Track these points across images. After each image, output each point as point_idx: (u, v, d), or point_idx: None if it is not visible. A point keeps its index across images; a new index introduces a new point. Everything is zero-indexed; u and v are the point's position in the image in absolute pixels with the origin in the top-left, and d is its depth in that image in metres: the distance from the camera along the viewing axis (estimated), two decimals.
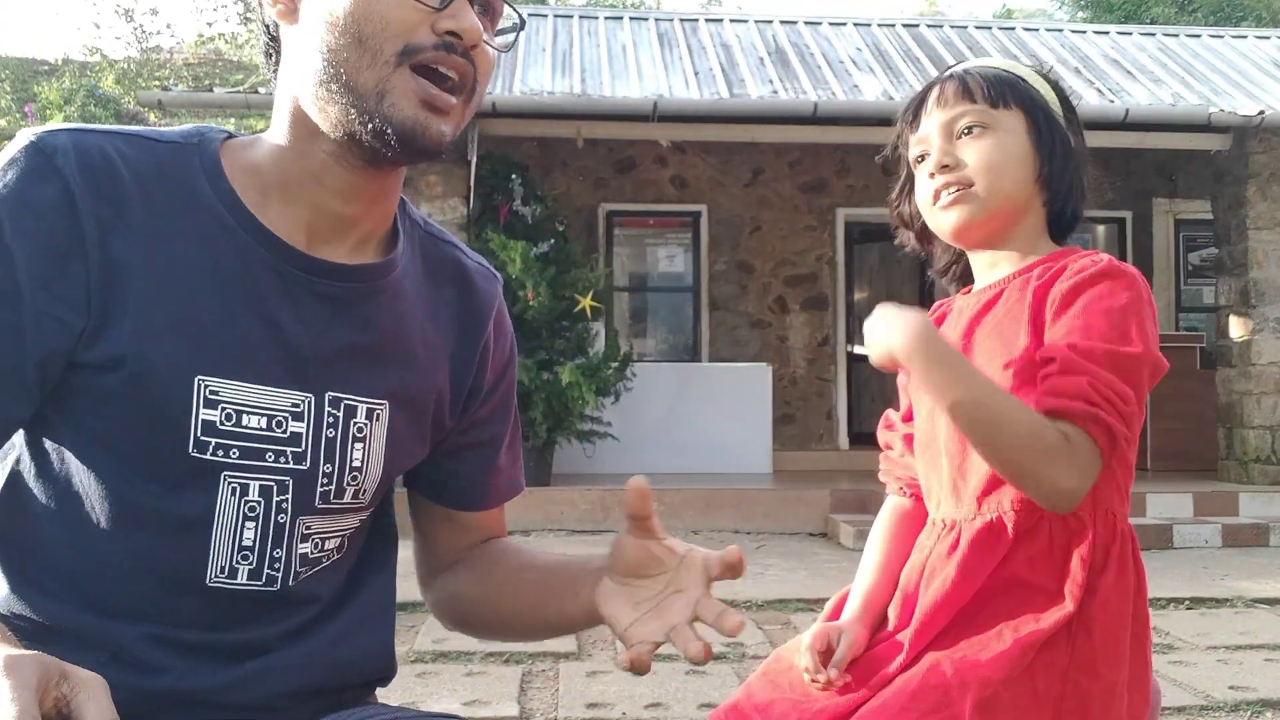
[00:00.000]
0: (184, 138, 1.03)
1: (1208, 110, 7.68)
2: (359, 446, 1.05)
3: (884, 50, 9.05)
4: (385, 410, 1.07)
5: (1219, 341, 8.24)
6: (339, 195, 1.02)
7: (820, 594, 4.73)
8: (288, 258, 1.01)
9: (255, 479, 1.00)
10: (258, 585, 1.02)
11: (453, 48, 0.97)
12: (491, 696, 3.33)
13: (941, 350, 1.15)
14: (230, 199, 1.00)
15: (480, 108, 1.07)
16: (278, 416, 1.00)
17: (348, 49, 0.95)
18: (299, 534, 1.04)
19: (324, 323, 1.03)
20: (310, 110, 0.99)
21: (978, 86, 1.29)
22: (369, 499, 1.09)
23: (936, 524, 1.29)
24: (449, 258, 1.16)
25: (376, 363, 1.06)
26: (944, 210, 1.30)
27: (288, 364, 1.01)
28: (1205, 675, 3.61)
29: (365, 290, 1.05)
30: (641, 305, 10.29)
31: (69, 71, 14.04)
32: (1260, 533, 6.68)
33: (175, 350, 0.96)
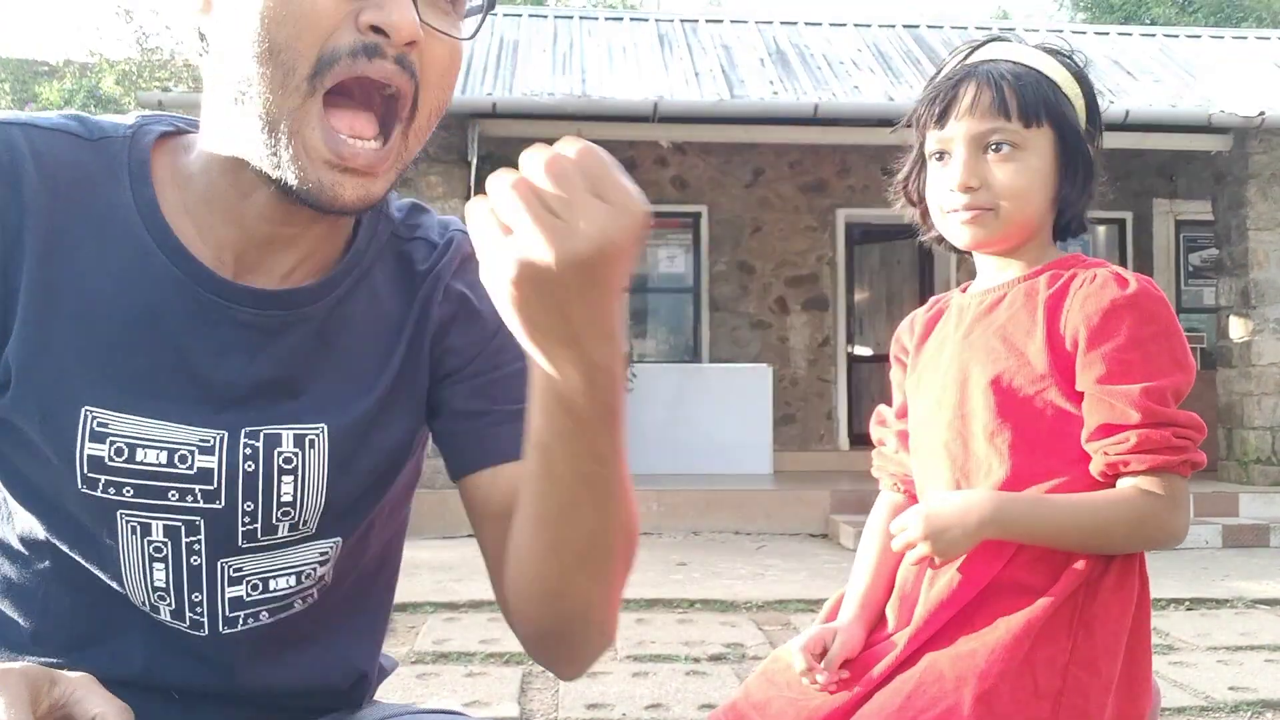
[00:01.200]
0: (117, 130, 0.90)
1: (1208, 111, 7.68)
2: (288, 479, 0.91)
3: (884, 51, 9.05)
4: (322, 435, 0.92)
5: (1219, 342, 8.25)
6: (268, 218, 0.88)
7: (820, 594, 4.73)
8: (205, 282, 0.88)
9: (158, 519, 0.88)
10: (183, 627, 0.91)
11: (378, 50, 0.80)
12: (492, 697, 3.33)
13: (1011, 517, 1.19)
14: (150, 210, 0.88)
15: (480, 108, 0.98)
16: (181, 452, 0.88)
17: (258, 61, 0.79)
18: (225, 576, 0.91)
19: (245, 353, 0.90)
20: (227, 129, 0.84)
21: (1014, 101, 1.25)
22: (315, 528, 0.94)
23: None
24: (408, 256, 0.99)
25: (308, 390, 0.92)
26: (962, 225, 1.29)
27: (196, 399, 0.88)
28: (1205, 676, 3.61)
29: (296, 317, 0.91)
30: (642, 306, 10.29)
31: (70, 73, 14.04)
32: (1260, 533, 6.68)
33: (64, 377, 0.85)
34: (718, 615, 4.53)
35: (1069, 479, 1.22)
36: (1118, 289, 1.22)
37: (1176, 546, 1.25)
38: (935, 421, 1.31)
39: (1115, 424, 1.19)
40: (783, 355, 9.84)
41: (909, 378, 1.40)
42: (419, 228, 1.01)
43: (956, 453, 1.28)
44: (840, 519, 6.85)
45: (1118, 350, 1.20)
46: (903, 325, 1.45)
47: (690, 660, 3.77)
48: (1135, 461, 1.19)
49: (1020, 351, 1.25)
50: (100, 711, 0.68)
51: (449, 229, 1.02)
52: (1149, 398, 1.18)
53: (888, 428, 1.43)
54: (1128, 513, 1.19)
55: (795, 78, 8.25)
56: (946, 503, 1.21)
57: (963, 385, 1.29)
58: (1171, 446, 1.18)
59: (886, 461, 1.43)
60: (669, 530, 7.10)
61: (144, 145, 0.90)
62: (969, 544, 1.18)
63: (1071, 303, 1.24)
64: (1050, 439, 1.23)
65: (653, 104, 7.41)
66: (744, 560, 5.99)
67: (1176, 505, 1.20)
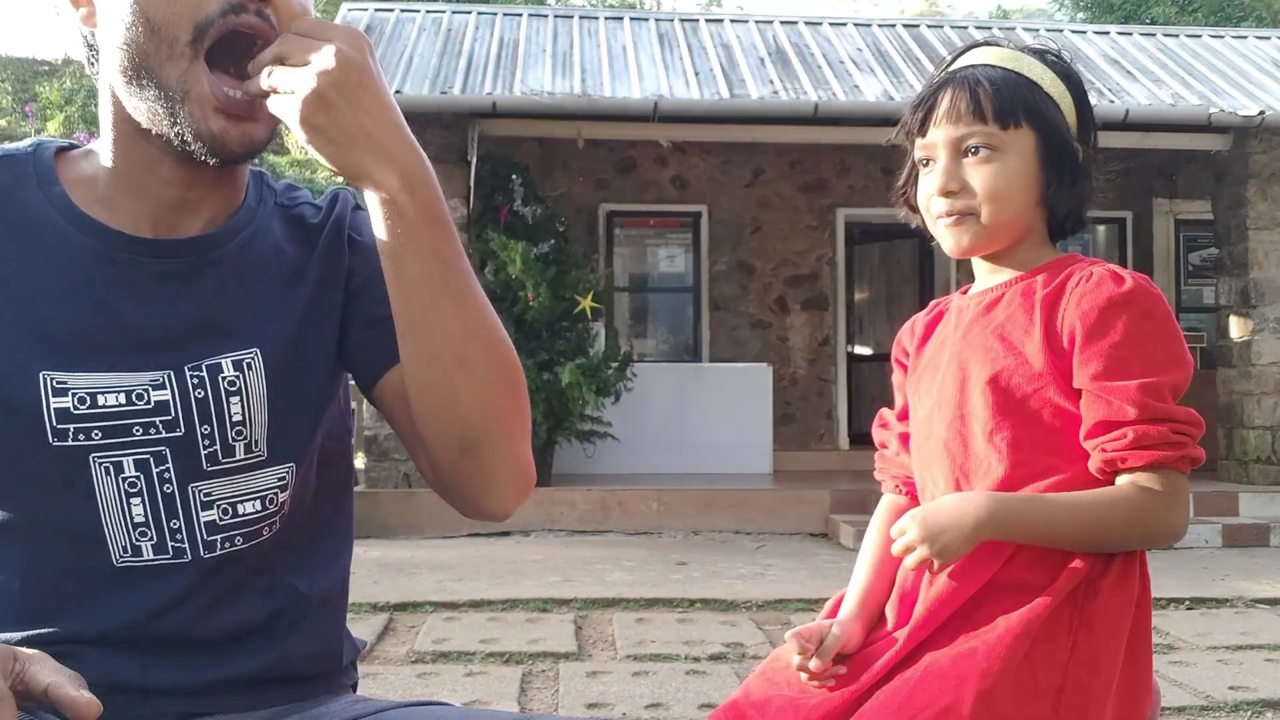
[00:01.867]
0: (19, 150, 1.05)
1: (1208, 110, 7.68)
2: (235, 400, 1.03)
3: (884, 50, 9.05)
4: (257, 357, 1.05)
5: (1219, 341, 8.25)
6: (175, 184, 1.02)
7: (820, 594, 4.73)
8: (119, 244, 1.01)
9: (127, 454, 0.99)
10: (166, 559, 1.01)
11: (242, 7, 0.94)
12: (491, 697, 3.33)
13: (1007, 517, 1.19)
14: (61, 201, 1.02)
15: (480, 108, 1.07)
16: (137, 390, 1.00)
17: (144, 41, 0.94)
18: (197, 501, 1.02)
19: (169, 300, 1.03)
20: (129, 109, 0.99)
21: (989, 104, 1.26)
22: (267, 451, 1.05)
23: None
24: (298, 217, 1.14)
25: (235, 323, 1.05)
26: (947, 230, 1.30)
27: (135, 347, 1.01)
28: (1205, 675, 3.61)
29: (210, 259, 1.05)
30: (642, 305, 10.30)
31: (70, 72, 14.04)
32: (1260, 533, 6.68)
33: (15, 350, 0.97)
34: (718, 615, 4.53)
35: (1068, 477, 1.22)
36: (1114, 286, 1.22)
37: (1176, 544, 1.25)
38: (935, 422, 1.31)
39: (1112, 420, 1.19)
40: (783, 355, 9.84)
41: (910, 380, 1.40)
42: (298, 198, 1.17)
43: (956, 452, 1.28)
44: (840, 518, 6.85)
45: (1114, 347, 1.20)
46: (904, 328, 1.46)
47: (690, 660, 3.77)
48: (1133, 458, 1.19)
49: (1018, 350, 1.26)
50: (52, 681, 0.80)
51: (325, 194, 1.18)
52: (1146, 393, 1.18)
53: (890, 430, 1.44)
54: (1125, 510, 1.19)
55: (795, 77, 8.25)
56: (943, 505, 1.21)
57: (962, 385, 1.29)
58: (1169, 442, 1.18)
59: (888, 464, 1.43)
60: (669, 530, 7.10)
61: (46, 156, 1.05)
62: (967, 546, 1.18)
63: (1068, 300, 1.24)
64: (1049, 437, 1.23)
65: (653, 103, 7.41)
66: (744, 560, 5.99)
67: (1175, 501, 1.20)
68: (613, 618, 4.40)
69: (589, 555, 6.08)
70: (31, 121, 13.17)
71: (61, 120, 12.37)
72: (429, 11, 9.30)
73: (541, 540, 6.72)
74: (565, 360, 7.39)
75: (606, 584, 5.09)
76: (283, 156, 13.30)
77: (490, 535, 6.82)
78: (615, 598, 4.72)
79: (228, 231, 1.07)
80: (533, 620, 4.37)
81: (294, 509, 1.10)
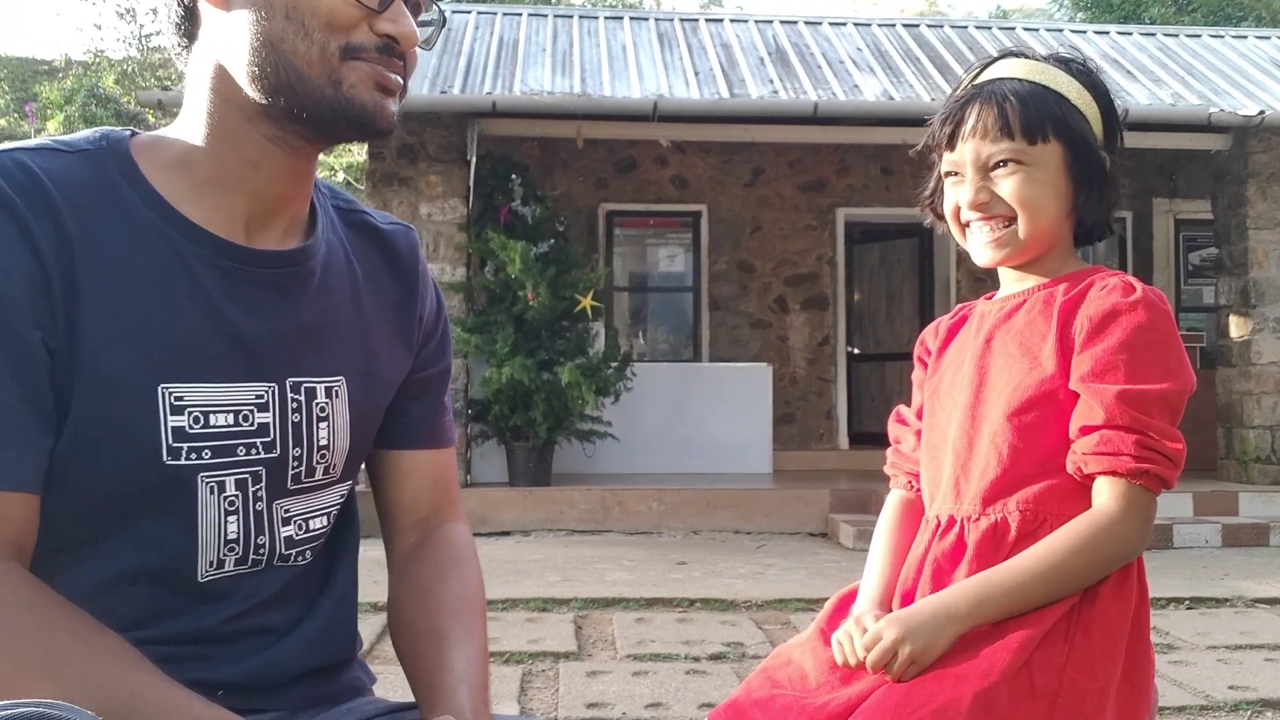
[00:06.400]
0: (90, 144, 1.00)
1: (1208, 110, 7.68)
2: (324, 425, 1.07)
3: (884, 50, 9.05)
4: (343, 385, 1.09)
5: (1219, 341, 8.25)
6: (275, 178, 1.02)
7: (820, 594, 4.73)
8: (224, 251, 1.01)
9: (230, 474, 1.01)
10: (245, 569, 1.04)
11: (392, 50, 0.99)
12: (491, 696, 3.32)
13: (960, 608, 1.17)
14: (157, 202, 0.99)
15: (480, 107, 1.10)
16: (244, 410, 1.01)
17: (293, 39, 0.95)
18: (279, 518, 1.06)
19: (270, 310, 1.03)
20: (250, 94, 0.98)
21: (1017, 120, 1.27)
22: (340, 472, 1.12)
23: (931, 521, 1.31)
24: (363, 224, 1.18)
25: (325, 341, 1.08)
26: (981, 247, 1.32)
27: (244, 357, 1.01)
28: (1205, 675, 3.61)
29: (301, 273, 1.06)
30: (641, 305, 10.30)
31: (71, 72, 14.04)
32: (1260, 532, 6.68)
33: (132, 362, 0.95)
34: (718, 614, 4.53)
35: (1060, 482, 1.23)
36: (1122, 295, 1.24)
37: (1129, 560, 1.21)
38: (948, 422, 1.33)
39: (1088, 425, 1.19)
40: (782, 354, 9.84)
41: (928, 379, 1.42)
42: (353, 202, 1.20)
43: (961, 451, 1.29)
44: (840, 518, 6.85)
45: (1106, 351, 1.20)
46: (928, 329, 1.49)
47: (690, 659, 3.77)
48: (1093, 462, 1.18)
49: (1034, 355, 1.27)
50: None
51: (389, 218, 1.23)
52: (1123, 399, 1.17)
53: (907, 426, 1.45)
54: (1075, 538, 1.17)
55: (795, 77, 8.25)
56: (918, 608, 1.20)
57: (978, 388, 1.30)
58: (1134, 454, 1.16)
59: (901, 459, 1.44)
60: (669, 529, 7.11)
61: (124, 151, 1.00)
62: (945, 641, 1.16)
63: (1084, 307, 1.25)
64: (1056, 441, 1.24)
65: (652, 103, 7.41)
66: (744, 559, 5.99)
67: (1128, 517, 1.17)
68: (613, 617, 4.40)
69: (589, 555, 6.08)
70: (31, 121, 13.17)
71: (61, 120, 12.35)
72: None
73: (541, 540, 6.72)
74: (565, 360, 7.38)
75: (606, 584, 5.09)
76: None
77: (490, 535, 6.82)
78: (615, 597, 4.72)
79: (315, 242, 1.09)
80: (533, 620, 4.37)
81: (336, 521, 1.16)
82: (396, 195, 7.52)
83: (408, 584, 1.18)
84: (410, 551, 1.20)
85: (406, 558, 1.20)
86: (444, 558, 1.19)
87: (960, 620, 1.16)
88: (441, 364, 1.24)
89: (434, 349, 1.22)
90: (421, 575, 1.17)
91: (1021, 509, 1.23)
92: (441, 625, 1.11)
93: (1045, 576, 1.17)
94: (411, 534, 1.22)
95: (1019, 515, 1.23)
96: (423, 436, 1.22)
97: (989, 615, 1.17)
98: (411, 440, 1.21)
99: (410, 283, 1.19)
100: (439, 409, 1.24)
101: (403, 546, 1.22)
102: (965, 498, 1.27)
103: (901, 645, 1.15)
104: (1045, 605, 1.17)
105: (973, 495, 1.26)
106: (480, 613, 1.16)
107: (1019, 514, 1.23)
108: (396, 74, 1.00)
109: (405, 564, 1.20)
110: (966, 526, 1.25)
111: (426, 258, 1.26)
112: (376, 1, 0.98)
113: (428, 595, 1.15)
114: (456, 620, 1.12)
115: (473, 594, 1.17)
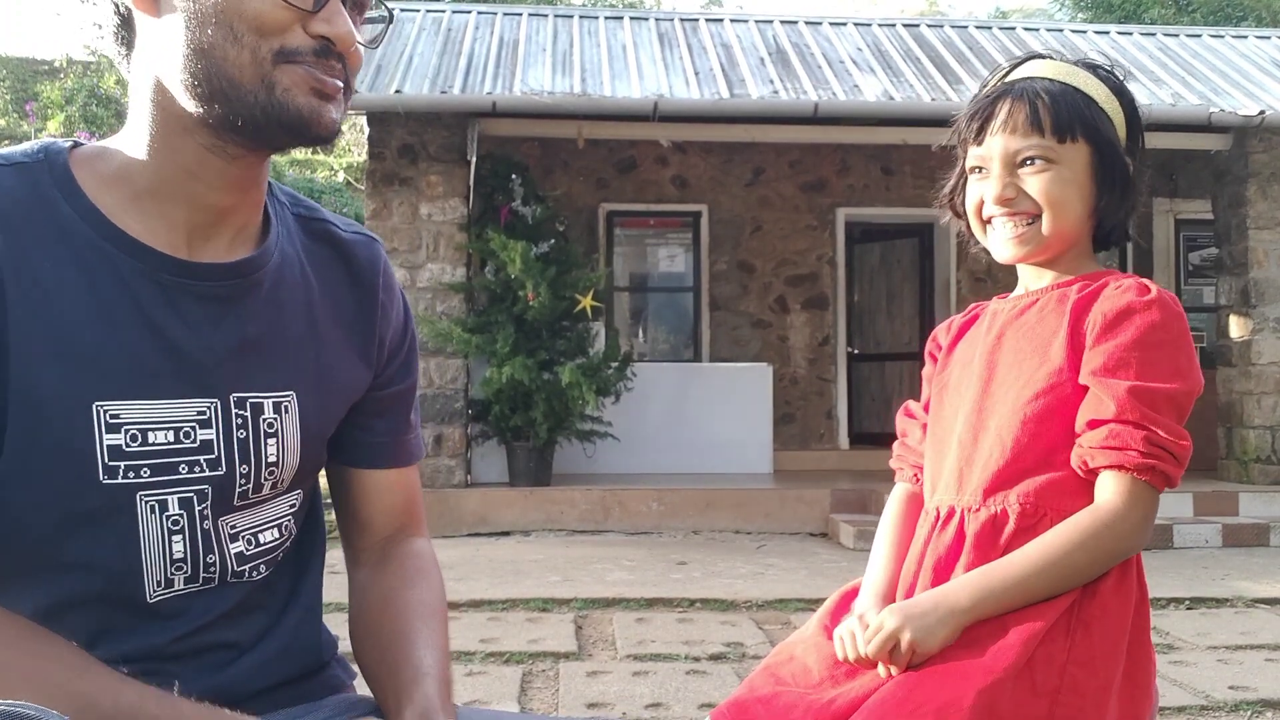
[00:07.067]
0: (27, 156, 0.97)
1: (1208, 110, 7.68)
2: (272, 442, 1.05)
3: (884, 50, 9.05)
4: (293, 400, 1.06)
5: (1219, 341, 8.25)
6: (215, 188, 0.99)
7: (820, 594, 4.73)
8: (162, 265, 0.98)
9: (172, 493, 0.98)
10: (196, 587, 1.02)
11: (328, 52, 0.96)
12: (491, 696, 3.33)
13: (961, 601, 1.18)
14: (93, 215, 0.96)
15: (480, 107, 1.09)
16: (185, 428, 0.99)
17: (223, 45, 0.92)
18: (227, 535, 1.04)
19: (212, 323, 1.01)
20: (184, 103, 0.95)
21: (1047, 117, 1.28)
22: (288, 485, 1.09)
23: (931, 512, 1.32)
24: (323, 233, 1.14)
25: (273, 354, 1.05)
26: (1003, 243, 1.33)
27: (184, 373, 0.99)
28: (1205, 675, 3.61)
29: (247, 285, 1.03)
30: (642, 305, 10.30)
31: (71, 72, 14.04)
32: (1260, 532, 6.68)
33: (64, 380, 0.92)
34: (718, 614, 4.53)
35: (1063, 475, 1.23)
36: (1136, 294, 1.25)
37: (1129, 555, 1.21)
38: (954, 415, 1.34)
39: (1096, 418, 1.20)
40: (783, 354, 9.84)
41: (937, 374, 1.44)
42: (313, 209, 1.16)
43: (966, 442, 1.31)
44: (840, 518, 6.85)
45: (1119, 348, 1.21)
46: (941, 325, 1.50)
47: (690, 659, 3.77)
48: (1099, 456, 1.19)
49: (1044, 350, 1.28)
50: None
51: (353, 227, 1.19)
52: (1133, 395, 1.18)
53: (914, 420, 1.47)
54: (1077, 532, 1.18)
55: (795, 77, 8.24)
56: (920, 599, 1.21)
57: (986, 383, 1.32)
58: (1141, 450, 1.17)
59: (908, 452, 1.45)
60: (669, 529, 7.10)
61: (61, 164, 0.97)
62: (946, 632, 1.17)
63: (1098, 304, 1.26)
64: (1061, 435, 1.24)
65: (653, 103, 7.41)
66: (744, 559, 5.99)
67: (1130, 512, 1.18)
68: (613, 617, 4.40)
69: (589, 555, 6.08)
70: (31, 121, 13.17)
71: (62, 120, 12.36)
72: (429, 11, 9.29)
73: (541, 540, 6.72)
74: (565, 360, 7.38)
75: (606, 584, 5.09)
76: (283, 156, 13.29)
77: (490, 535, 6.82)
78: (615, 597, 4.72)
79: (264, 253, 1.05)
80: (533, 620, 4.37)
81: (298, 529, 1.14)
82: (397, 195, 7.52)
83: (371, 591, 1.18)
84: (374, 564, 1.20)
85: (370, 569, 1.20)
86: (409, 568, 1.19)
87: (962, 613, 1.17)
88: (407, 381, 1.21)
89: (399, 366, 1.20)
90: (386, 582, 1.17)
91: (1021, 502, 1.24)
92: (407, 627, 1.12)
93: (1046, 570, 1.17)
94: (375, 551, 1.21)
95: (1018, 508, 1.23)
96: (389, 455, 1.20)
97: (990, 608, 1.17)
98: (376, 459, 1.20)
99: (370, 296, 1.15)
100: (404, 426, 1.22)
101: (366, 560, 1.21)
102: (967, 489, 1.28)
103: (902, 633, 1.16)
104: (1046, 599, 1.17)
105: (975, 486, 1.27)
106: (444, 620, 1.16)
107: (1019, 506, 1.23)
108: (334, 78, 0.96)
109: (369, 575, 1.20)
110: (967, 517, 1.27)
111: (426, 258, 1.24)
112: (310, 2, 0.94)
113: (392, 600, 1.15)
114: (422, 623, 1.13)
115: (436, 600, 1.17)
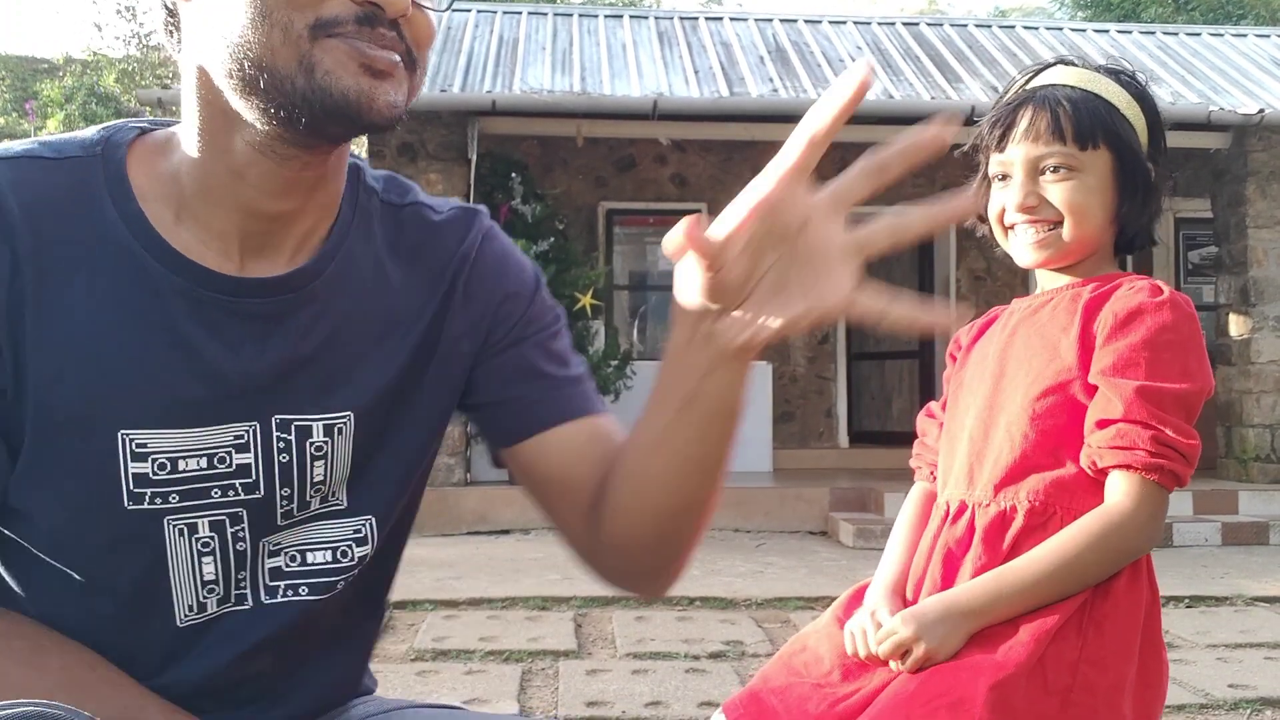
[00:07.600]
0: (86, 148, 0.89)
1: (1207, 109, 7.68)
2: (319, 464, 0.94)
3: (884, 49, 9.05)
4: (349, 422, 0.94)
5: (1219, 340, 8.25)
6: (266, 193, 0.87)
7: (820, 592, 4.74)
8: (203, 281, 0.88)
9: (203, 516, 0.91)
10: (229, 607, 0.94)
11: (375, 19, 0.81)
12: (491, 695, 3.33)
13: (974, 606, 1.19)
14: (139, 224, 0.87)
15: (480, 106, 1.00)
16: (219, 454, 0.90)
17: (252, 26, 0.79)
18: (266, 551, 0.94)
19: (256, 343, 0.90)
20: (228, 97, 0.83)
21: (1069, 125, 1.29)
22: (345, 500, 0.97)
23: (942, 507, 1.33)
24: (415, 219, 1.00)
25: (328, 373, 0.93)
26: (1025, 249, 1.33)
27: (221, 398, 0.89)
28: (1205, 673, 3.62)
29: (299, 299, 0.92)
30: (641, 303, 10.29)
31: (70, 70, 14.04)
32: (1260, 531, 6.68)
33: (89, 405, 0.85)
34: (717, 613, 4.53)
35: (1073, 474, 1.24)
36: (1149, 295, 1.26)
37: (1139, 555, 1.22)
38: (968, 411, 1.35)
39: (1105, 418, 1.21)
40: (782, 353, 9.84)
41: (955, 374, 1.45)
42: (409, 193, 1.02)
43: (977, 438, 1.32)
44: (840, 517, 6.85)
45: (1129, 347, 1.22)
46: (963, 328, 1.51)
47: (690, 658, 3.77)
48: (1108, 455, 1.19)
49: (1054, 347, 1.29)
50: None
51: (450, 205, 1.04)
52: (1142, 395, 1.19)
53: (933, 419, 1.48)
54: (1087, 534, 1.18)
55: (795, 75, 8.24)
56: (929, 604, 1.22)
57: (998, 380, 1.33)
58: (1149, 449, 1.18)
59: (926, 450, 1.47)
60: None
61: (118, 159, 0.89)
62: (957, 640, 1.18)
63: (1110, 304, 1.27)
64: (1069, 431, 1.25)
65: (652, 102, 7.40)
66: (743, 558, 5.99)
67: (1140, 509, 1.18)
68: (612, 615, 4.40)
69: None
70: (31, 120, 13.17)
71: (62, 119, 12.36)
72: None
73: (541, 538, 6.72)
74: None
75: None
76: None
77: (490, 534, 6.82)
78: (615, 596, 4.72)
79: (320, 260, 0.93)
80: (532, 618, 4.37)
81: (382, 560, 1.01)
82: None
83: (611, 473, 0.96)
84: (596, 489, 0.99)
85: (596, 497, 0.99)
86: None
87: (974, 617, 1.17)
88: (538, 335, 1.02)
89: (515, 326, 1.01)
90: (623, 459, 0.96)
91: (1031, 499, 1.24)
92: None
93: (1057, 572, 1.18)
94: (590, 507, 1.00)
95: (1027, 505, 1.24)
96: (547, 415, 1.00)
97: (1003, 612, 1.18)
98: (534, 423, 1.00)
99: (443, 283, 0.99)
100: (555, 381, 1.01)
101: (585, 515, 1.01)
102: (978, 484, 1.29)
103: (916, 644, 1.17)
104: (1058, 601, 1.18)
105: (985, 481, 1.28)
106: None
107: (1028, 504, 1.24)
108: (387, 49, 0.82)
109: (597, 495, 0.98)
110: (977, 512, 1.28)
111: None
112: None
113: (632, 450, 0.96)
114: None
115: None
